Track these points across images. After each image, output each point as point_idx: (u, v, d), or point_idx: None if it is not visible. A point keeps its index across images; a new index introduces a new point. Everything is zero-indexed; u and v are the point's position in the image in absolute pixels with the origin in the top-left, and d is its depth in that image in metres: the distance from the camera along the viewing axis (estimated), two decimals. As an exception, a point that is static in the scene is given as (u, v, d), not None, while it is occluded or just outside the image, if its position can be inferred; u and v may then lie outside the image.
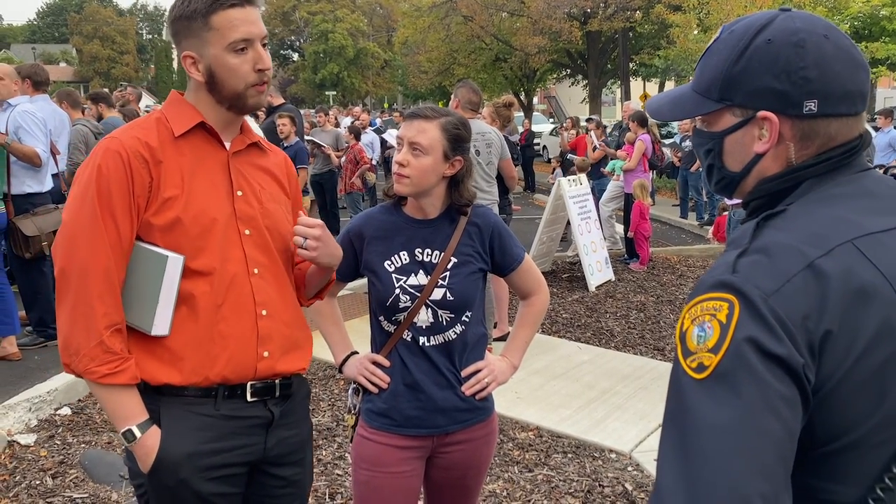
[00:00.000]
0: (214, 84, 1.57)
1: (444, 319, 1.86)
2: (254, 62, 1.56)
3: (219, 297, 1.57)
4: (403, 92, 40.99)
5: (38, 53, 59.85)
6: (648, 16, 20.07)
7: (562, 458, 3.61)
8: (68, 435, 3.78)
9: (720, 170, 1.07)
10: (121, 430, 1.53)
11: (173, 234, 1.55)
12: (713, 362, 0.85)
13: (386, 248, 1.87)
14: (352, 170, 9.18)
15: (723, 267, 0.93)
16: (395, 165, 1.81)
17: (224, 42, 1.53)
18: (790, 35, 0.97)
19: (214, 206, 1.59)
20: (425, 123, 1.80)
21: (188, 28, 1.54)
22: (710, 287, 0.92)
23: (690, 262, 8.38)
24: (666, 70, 22.36)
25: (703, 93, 1.05)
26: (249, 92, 1.58)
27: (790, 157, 1.00)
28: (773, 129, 0.99)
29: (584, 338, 5.62)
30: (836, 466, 0.89)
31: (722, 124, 1.04)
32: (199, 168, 1.60)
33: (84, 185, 1.52)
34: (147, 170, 1.53)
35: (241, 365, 1.60)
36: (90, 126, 6.11)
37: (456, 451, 1.93)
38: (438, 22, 23.46)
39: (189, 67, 1.58)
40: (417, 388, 1.85)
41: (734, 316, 0.86)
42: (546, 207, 7.41)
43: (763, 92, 0.98)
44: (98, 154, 1.53)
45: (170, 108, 1.64)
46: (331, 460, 3.52)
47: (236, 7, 1.53)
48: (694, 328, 0.90)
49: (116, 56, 61.19)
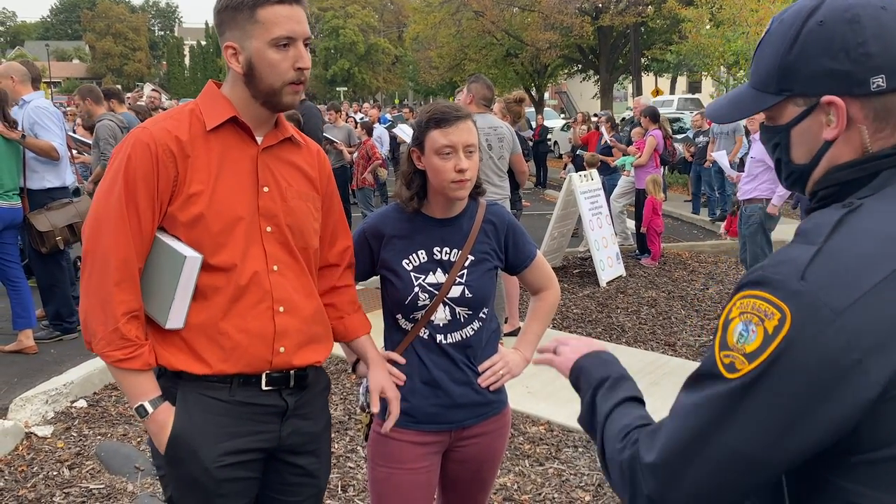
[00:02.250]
0: (252, 77, 1.58)
1: (462, 316, 1.88)
2: (294, 60, 1.57)
3: (236, 293, 1.59)
4: (414, 88, 40.98)
5: (52, 50, 60.25)
6: (660, 10, 19.97)
7: (572, 452, 3.62)
8: (84, 427, 3.84)
9: (788, 164, 1.02)
10: (134, 405, 1.59)
11: (196, 229, 1.57)
12: (745, 369, 0.85)
13: (405, 247, 1.87)
14: (364, 165, 9.21)
15: (792, 266, 0.87)
16: (450, 174, 1.77)
17: (268, 36, 1.54)
18: (842, 12, 0.92)
19: (238, 202, 1.60)
20: (468, 123, 1.80)
21: (233, 19, 1.56)
22: (770, 285, 0.87)
23: (702, 257, 8.35)
24: (678, 65, 22.24)
25: (762, 88, 1.01)
26: (286, 90, 1.59)
27: (865, 142, 0.94)
28: (841, 113, 0.93)
29: (594, 333, 5.62)
30: (880, 474, 0.86)
31: (786, 116, 0.99)
32: (227, 163, 1.61)
33: (114, 173, 1.55)
34: (174, 164, 1.55)
35: (257, 358, 1.62)
36: (116, 120, 6.15)
37: (472, 445, 1.95)
38: (449, 17, 23.44)
39: (229, 58, 1.59)
40: (436, 385, 1.87)
41: (783, 330, 0.83)
42: (557, 203, 7.41)
43: (823, 75, 0.93)
44: (129, 143, 1.56)
45: (205, 100, 1.64)
46: (343, 453, 3.55)
47: (284, 4, 1.55)
48: (739, 323, 0.88)
49: (129, 52, 61.51)
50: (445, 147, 1.77)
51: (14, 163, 4.83)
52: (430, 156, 1.79)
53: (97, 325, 1.53)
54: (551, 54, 21.63)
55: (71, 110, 12.67)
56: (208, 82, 1.70)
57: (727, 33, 14.00)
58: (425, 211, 1.90)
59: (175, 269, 1.55)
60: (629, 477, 0.94)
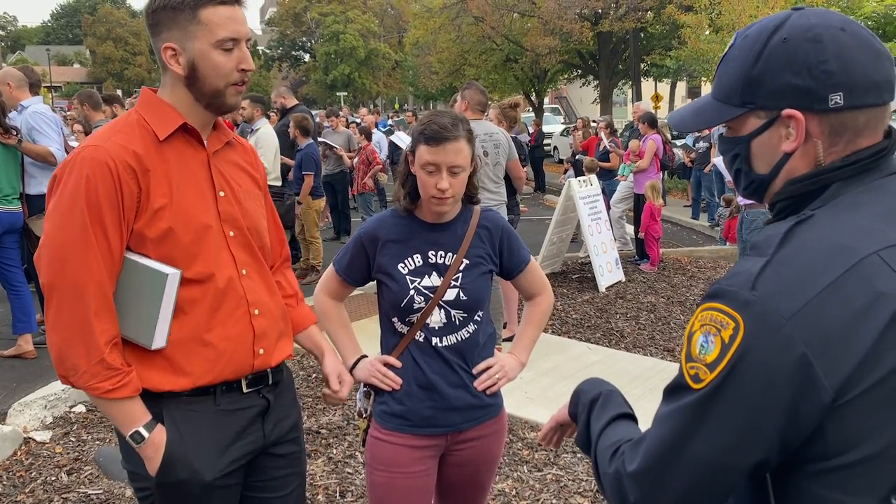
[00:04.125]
0: (195, 79, 1.54)
1: (457, 319, 1.89)
2: (238, 61, 1.55)
3: (215, 302, 1.59)
4: (414, 93, 41.05)
5: (52, 55, 60.37)
6: (660, 16, 20.03)
7: (571, 457, 3.62)
8: (83, 432, 3.84)
9: (748, 174, 1.06)
10: (128, 433, 1.54)
11: (166, 244, 1.53)
12: (707, 379, 0.90)
13: (400, 251, 1.89)
14: (364, 170, 9.23)
15: (744, 277, 0.91)
16: (432, 190, 1.78)
17: (212, 38, 1.51)
18: (805, 31, 0.96)
19: (202, 211, 1.58)
20: (457, 144, 1.78)
21: (173, 19, 1.51)
22: (725, 297, 0.91)
23: (701, 263, 8.35)
24: (677, 70, 22.28)
25: (724, 99, 1.04)
26: (229, 91, 1.57)
27: (819, 156, 0.98)
28: (800, 127, 0.97)
29: (593, 339, 5.62)
30: (850, 479, 0.88)
31: (747, 128, 1.03)
32: (184, 172, 1.58)
33: (70, 197, 1.46)
34: (136, 180, 1.50)
35: (240, 364, 1.63)
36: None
37: (469, 448, 1.96)
38: (449, 23, 23.51)
39: (169, 59, 1.54)
40: (431, 388, 1.88)
41: (737, 339, 0.88)
42: (556, 208, 7.42)
43: (785, 90, 0.97)
44: (84, 163, 1.47)
45: (147, 109, 1.58)
46: (341, 458, 3.55)
47: (227, 5, 1.53)
48: (700, 335, 0.92)
49: (129, 57, 61.59)
50: (430, 164, 1.79)
51: (13, 168, 4.84)
52: (418, 168, 1.84)
53: (78, 359, 1.47)
54: (551, 59, 21.70)
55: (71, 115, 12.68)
56: (143, 90, 1.64)
57: (727, 39, 14.03)
58: (419, 215, 1.92)
59: (157, 289, 1.52)
60: (616, 489, 0.99)
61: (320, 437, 3.78)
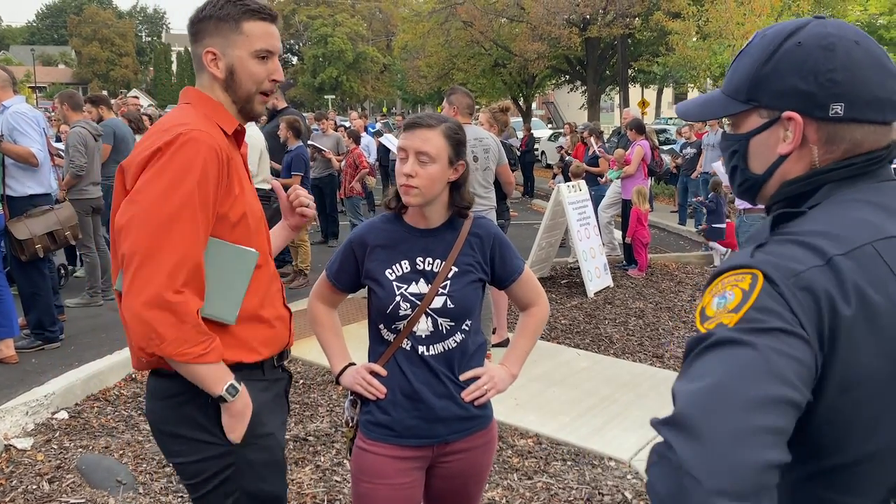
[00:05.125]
0: (232, 82, 1.70)
1: (445, 328, 1.85)
2: (270, 72, 1.72)
3: (268, 283, 1.76)
4: (402, 96, 41.02)
5: (37, 55, 59.80)
6: (647, 23, 20.13)
7: (561, 465, 3.60)
8: (65, 439, 3.76)
9: (743, 172, 1.08)
10: (221, 390, 1.61)
11: (239, 228, 1.66)
12: (733, 319, 0.86)
13: (388, 257, 1.86)
14: (351, 174, 9.17)
15: (741, 256, 0.94)
16: (400, 177, 1.79)
17: (251, 47, 1.68)
18: (820, 38, 0.98)
19: (255, 201, 1.76)
20: (428, 132, 1.79)
21: (217, 28, 1.67)
22: (729, 268, 0.93)
23: (689, 268, 8.38)
24: (664, 77, 22.40)
25: (732, 94, 1.06)
26: (257, 98, 1.73)
27: (814, 161, 1.00)
28: (797, 130, 0.99)
29: (583, 344, 5.61)
30: (850, 479, 0.88)
31: (748, 126, 1.05)
32: (238, 166, 1.72)
33: (180, 171, 1.53)
34: (227, 168, 1.63)
35: (283, 341, 1.82)
36: (89, 128, 6.11)
37: (456, 461, 1.92)
38: (438, 27, 23.51)
39: (209, 63, 1.69)
40: (416, 398, 1.84)
41: (757, 285, 0.87)
42: (545, 213, 7.41)
43: (789, 92, 0.99)
44: (198, 144, 1.55)
45: (205, 106, 1.70)
46: (329, 466, 3.51)
47: (266, 21, 1.70)
48: (714, 299, 0.91)
49: (115, 58, 61.18)
50: (401, 150, 1.82)
51: (-3, 169, 4.76)
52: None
53: (165, 328, 1.50)
54: (539, 65, 21.74)
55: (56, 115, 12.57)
56: (188, 89, 1.76)
57: (714, 46, 14.14)
58: (408, 220, 1.89)
59: (244, 267, 1.67)
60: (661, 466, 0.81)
61: (308, 445, 3.73)
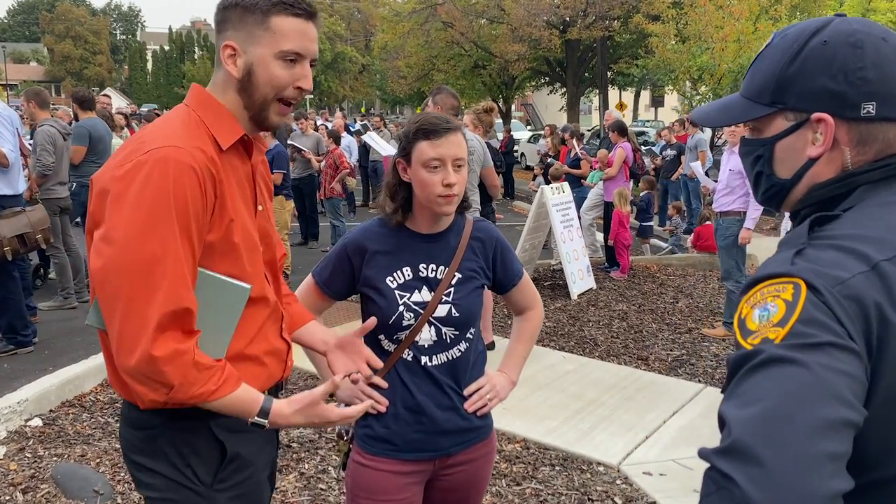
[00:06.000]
0: (248, 85, 1.44)
1: (448, 337, 1.78)
2: (296, 78, 1.44)
3: (258, 322, 1.53)
4: (381, 97, 40.89)
5: (8, 52, 58.75)
6: (627, 25, 20.24)
7: (549, 470, 3.55)
8: (39, 447, 3.64)
9: (769, 177, 1.03)
10: (256, 413, 1.43)
11: (228, 259, 1.44)
12: (780, 334, 0.81)
13: (389, 264, 1.78)
14: (332, 175, 9.07)
15: (779, 262, 0.88)
16: (438, 187, 1.67)
17: (276, 47, 1.41)
18: (847, 36, 0.94)
19: (252, 227, 1.51)
20: (457, 136, 1.72)
21: (241, 19, 1.42)
22: (768, 276, 0.87)
23: (670, 270, 8.40)
24: (642, 80, 22.55)
25: (754, 98, 1.02)
26: (274, 106, 1.46)
27: (845, 163, 0.96)
28: (829, 132, 0.95)
29: (567, 347, 5.58)
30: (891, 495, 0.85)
31: (773, 129, 1.01)
32: (238, 185, 1.48)
33: (154, 200, 1.30)
34: (214, 189, 1.39)
35: (275, 376, 1.61)
36: (58, 126, 5.95)
37: (458, 473, 1.86)
38: (418, 27, 23.46)
39: (226, 58, 1.44)
40: (419, 411, 1.77)
41: (801, 296, 0.82)
42: (529, 215, 7.39)
43: (818, 93, 0.95)
44: (168, 164, 1.32)
45: (206, 111, 1.45)
46: (313, 474, 3.43)
47: (300, 17, 1.43)
48: (755, 311, 0.85)
49: (89, 56, 60.31)
50: (434, 160, 1.69)
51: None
52: (417, 168, 1.71)
53: (170, 378, 1.31)
54: (519, 66, 21.78)
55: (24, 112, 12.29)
56: (195, 87, 1.50)
57: (693, 49, 14.22)
58: (410, 226, 1.80)
59: (235, 303, 1.46)
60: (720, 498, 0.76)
61: (291, 451, 3.65)
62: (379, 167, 12.83)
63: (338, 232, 9.02)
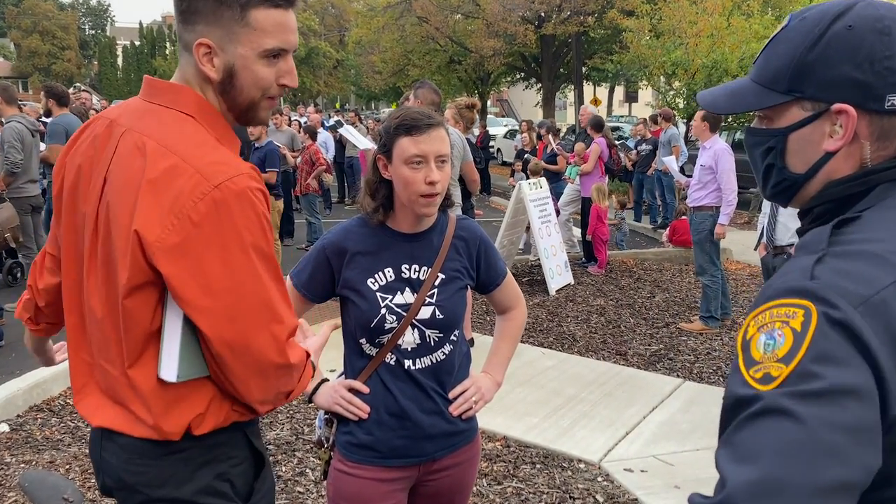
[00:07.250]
0: (230, 87, 1.31)
1: (432, 339, 1.73)
2: (280, 74, 1.33)
3: None
4: (356, 92, 40.63)
5: (-27, 47, 57.40)
6: (602, 21, 20.31)
7: (530, 469, 3.53)
8: (6, 454, 3.53)
9: (781, 171, 0.96)
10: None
11: None
12: (783, 373, 0.75)
13: (370, 265, 1.71)
14: (307, 171, 8.96)
15: (797, 272, 0.82)
16: (421, 186, 1.62)
17: (259, 46, 1.28)
18: (874, 21, 0.88)
19: None
20: (440, 131, 1.65)
21: (214, 12, 1.26)
22: (782, 293, 0.81)
23: (647, 265, 8.43)
24: (616, 75, 22.64)
25: (768, 84, 0.95)
26: (262, 103, 1.35)
27: (865, 158, 0.90)
28: (850, 124, 0.89)
29: (546, 342, 5.56)
30: None
31: (787, 119, 0.94)
32: None
33: (246, 237, 1.23)
34: None
35: None
36: (26, 123, 5.79)
37: (443, 478, 1.81)
38: (393, 22, 23.33)
39: (202, 58, 1.28)
40: (403, 416, 1.71)
41: (811, 324, 0.76)
42: (507, 211, 7.36)
43: (840, 82, 0.88)
44: (245, 197, 1.23)
45: (212, 122, 1.33)
46: (291, 477, 3.36)
47: (280, 8, 1.29)
48: (761, 336, 0.79)
49: (57, 51, 59.11)
50: (416, 156, 1.62)
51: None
52: (399, 165, 1.64)
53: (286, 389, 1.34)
54: (495, 62, 21.76)
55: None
56: (193, 94, 1.33)
57: (667, 44, 14.30)
58: (391, 225, 1.73)
59: None
60: None
61: (268, 454, 3.57)
62: (355, 163, 12.74)
63: (313, 229, 8.92)
